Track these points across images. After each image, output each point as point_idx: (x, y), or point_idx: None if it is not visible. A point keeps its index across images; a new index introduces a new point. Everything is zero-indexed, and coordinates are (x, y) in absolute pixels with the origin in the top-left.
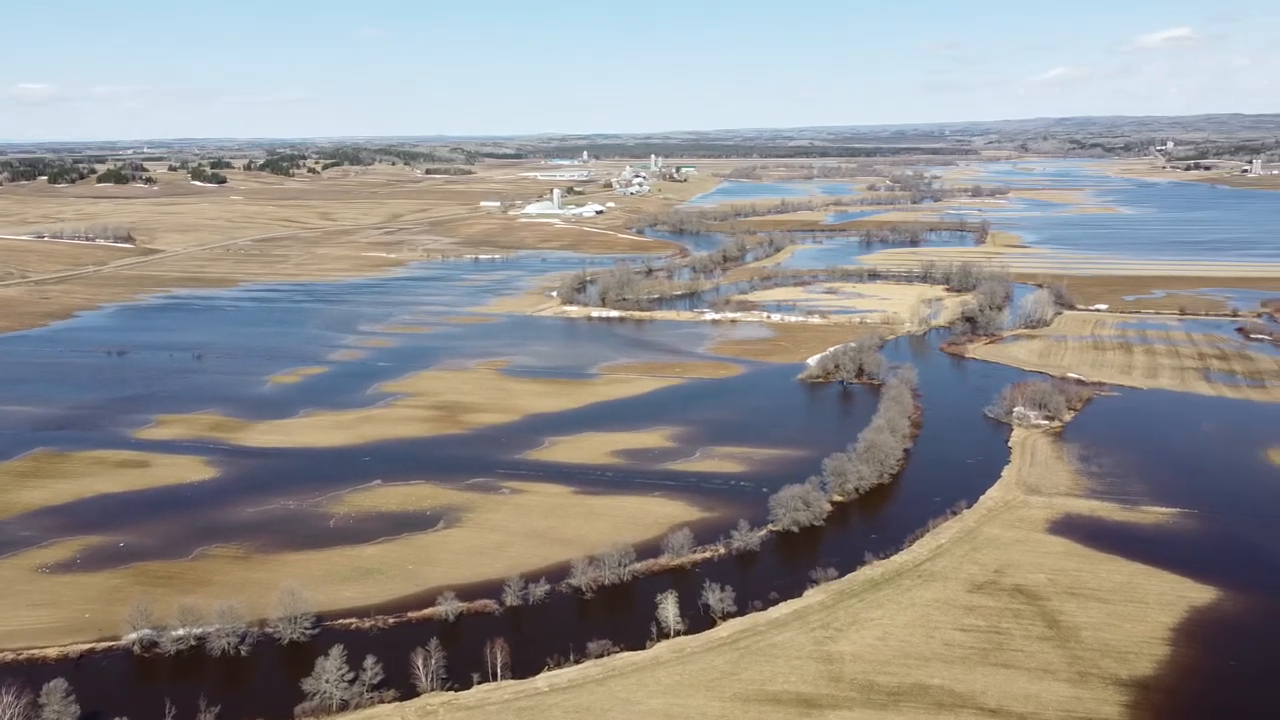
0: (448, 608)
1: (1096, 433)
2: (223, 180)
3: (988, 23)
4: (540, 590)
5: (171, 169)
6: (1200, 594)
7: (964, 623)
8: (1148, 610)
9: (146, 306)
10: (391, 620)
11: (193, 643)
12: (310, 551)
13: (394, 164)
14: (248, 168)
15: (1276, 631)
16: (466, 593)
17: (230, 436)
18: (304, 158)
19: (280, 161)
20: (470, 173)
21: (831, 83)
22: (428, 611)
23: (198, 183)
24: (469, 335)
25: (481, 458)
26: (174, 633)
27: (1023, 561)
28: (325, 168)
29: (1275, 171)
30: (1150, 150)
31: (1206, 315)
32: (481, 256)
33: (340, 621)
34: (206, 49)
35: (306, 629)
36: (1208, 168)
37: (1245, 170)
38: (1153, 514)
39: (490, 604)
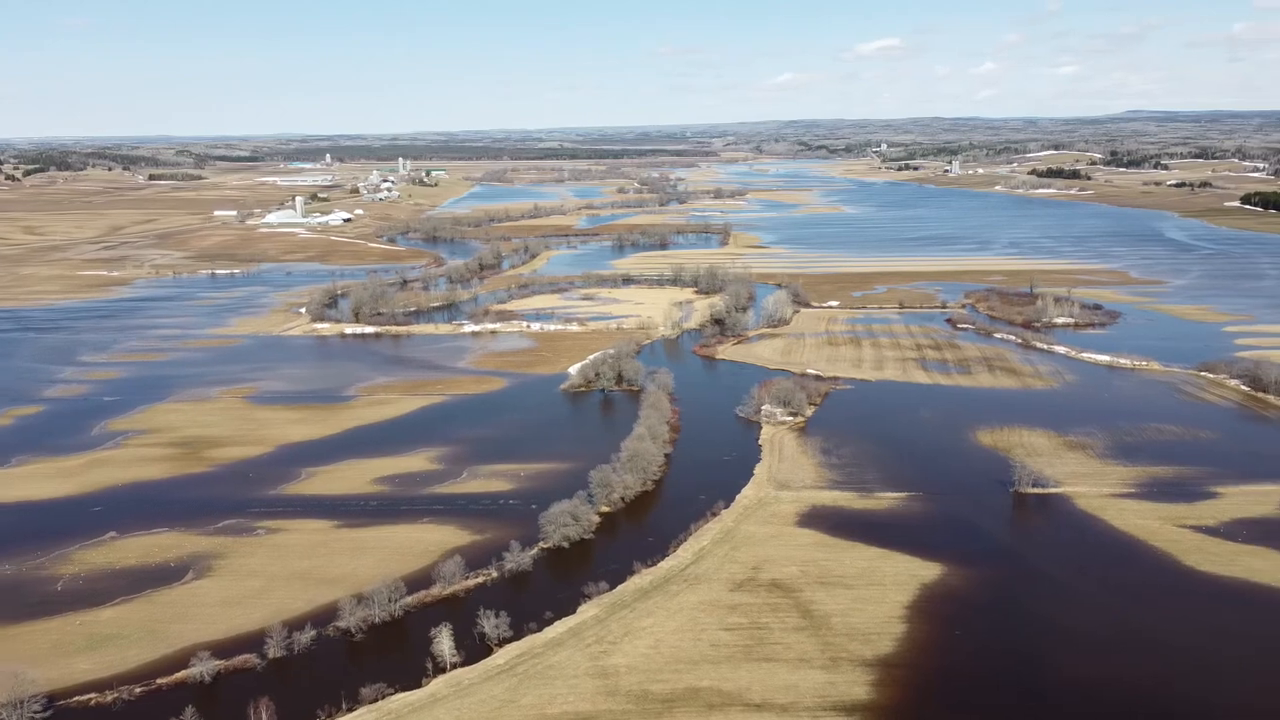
0: (203, 668)
1: (835, 425)
2: None
3: (722, 30)
4: (306, 637)
5: None
6: (928, 571)
7: (728, 622)
8: (886, 591)
9: None
10: (139, 690)
11: None
12: (35, 622)
13: (111, 169)
14: None
15: (989, 599)
16: (224, 649)
17: None
18: (0, 162)
19: None
20: (201, 178)
21: (578, 83)
22: (180, 675)
23: None
24: (209, 360)
25: (231, 497)
26: None
27: (777, 556)
28: (27, 174)
29: (970, 171)
30: (867, 152)
31: (921, 308)
32: (219, 272)
33: (77, 699)
34: None
35: (36, 713)
36: (916, 168)
37: (947, 170)
38: (886, 499)
39: (251, 658)
